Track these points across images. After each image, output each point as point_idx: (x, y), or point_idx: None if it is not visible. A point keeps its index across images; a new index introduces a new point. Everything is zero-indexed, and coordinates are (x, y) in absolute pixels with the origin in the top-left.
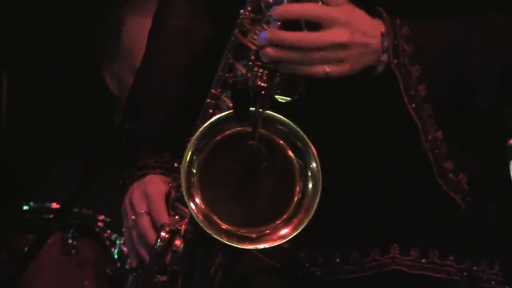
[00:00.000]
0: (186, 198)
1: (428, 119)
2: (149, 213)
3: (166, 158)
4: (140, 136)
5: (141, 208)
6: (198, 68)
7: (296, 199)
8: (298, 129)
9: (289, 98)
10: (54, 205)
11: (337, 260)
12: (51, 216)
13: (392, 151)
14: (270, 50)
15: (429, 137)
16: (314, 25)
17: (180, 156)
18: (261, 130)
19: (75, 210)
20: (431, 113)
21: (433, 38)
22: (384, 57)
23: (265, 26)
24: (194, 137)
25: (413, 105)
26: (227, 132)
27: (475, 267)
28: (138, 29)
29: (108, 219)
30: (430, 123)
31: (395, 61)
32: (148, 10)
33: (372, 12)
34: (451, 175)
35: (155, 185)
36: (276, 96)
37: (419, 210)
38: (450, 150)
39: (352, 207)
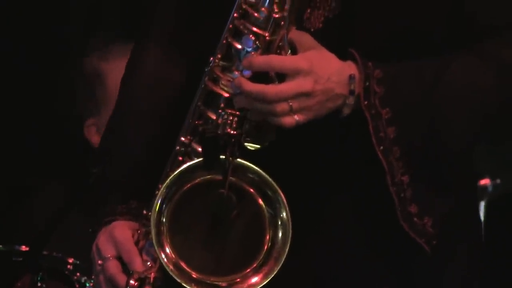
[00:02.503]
0: (156, 247)
1: (396, 162)
2: (117, 257)
3: (133, 205)
4: (109, 182)
5: (108, 252)
6: (170, 115)
7: (266, 247)
8: (268, 177)
9: (258, 146)
10: (23, 248)
11: None
12: (20, 258)
13: (361, 196)
14: (239, 99)
15: (396, 180)
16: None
17: (148, 203)
18: (231, 178)
19: (45, 252)
20: (399, 155)
21: (406, 81)
22: (350, 100)
23: (236, 73)
24: (163, 186)
25: (381, 148)
26: (197, 180)
27: None
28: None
29: (78, 262)
30: (397, 166)
31: (366, 102)
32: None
33: (343, 56)
34: (415, 219)
35: (122, 230)
36: (246, 144)
37: (388, 252)
38: (415, 193)
39: (322, 253)
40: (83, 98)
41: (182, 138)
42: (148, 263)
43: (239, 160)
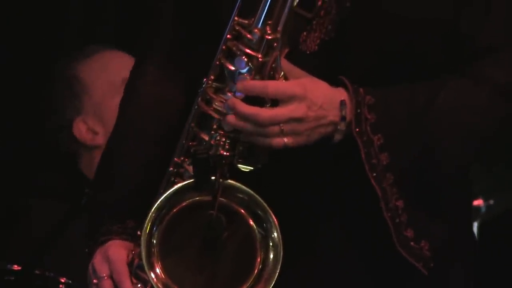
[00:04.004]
0: (146, 268)
1: (390, 188)
2: (111, 276)
3: (130, 225)
4: (107, 202)
5: (103, 272)
6: (170, 135)
7: (256, 269)
8: (259, 197)
9: (251, 167)
10: (16, 267)
11: None
12: (13, 278)
13: (355, 220)
14: (231, 118)
15: (390, 206)
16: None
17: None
18: (221, 199)
19: (37, 272)
20: (393, 181)
21: (397, 106)
22: (342, 126)
23: (229, 94)
24: (154, 208)
25: (375, 174)
26: (188, 202)
27: None
28: (104, 79)
29: (70, 281)
30: (391, 192)
31: (357, 129)
32: (96, 52)
33: (336, 81)
34: (412, 243)
35: (116, 250)
36: (239, 165)
37: (382, 274)
38: (410, 217)
39: (314, 275)
40: (66, 100)
41: (176, 159)
42: (139, 285)
43: (229, 181)
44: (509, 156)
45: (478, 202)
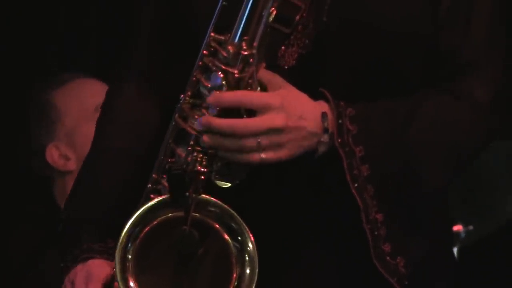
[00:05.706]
0: (120, 285)
1: (370, 200)
2: None
3: (111, 244)
4: (85, 220)
5: None
6: (146, 153)
7: (232, 286)
8: (231, 210)
9: (229, 184)
10: None
11: None
12: None
13: (335, 231)
14: (205, 137)
15: (370, 218)
16: (252, 110)
17: None
18: (195, 214)
19: None
20: (373, 193)
21: (378, 119)
22: (325, 138)
23: (204, 111)
24: (128, 224)
25: (356, 185)
26: (163, 217)
27: None
28: (77, 107)
29: None
30: (371, 204)
31: (339, 140)
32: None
33: (316, 94)
34: (388, 258)
35: (100, 268)
36: (216, 181)
37: None
38: (389, 232)
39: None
40: (40, 126)
41: (154, 176)
42: None
43: (202, 195)
44: (489, 180)
45: (457, 228)
